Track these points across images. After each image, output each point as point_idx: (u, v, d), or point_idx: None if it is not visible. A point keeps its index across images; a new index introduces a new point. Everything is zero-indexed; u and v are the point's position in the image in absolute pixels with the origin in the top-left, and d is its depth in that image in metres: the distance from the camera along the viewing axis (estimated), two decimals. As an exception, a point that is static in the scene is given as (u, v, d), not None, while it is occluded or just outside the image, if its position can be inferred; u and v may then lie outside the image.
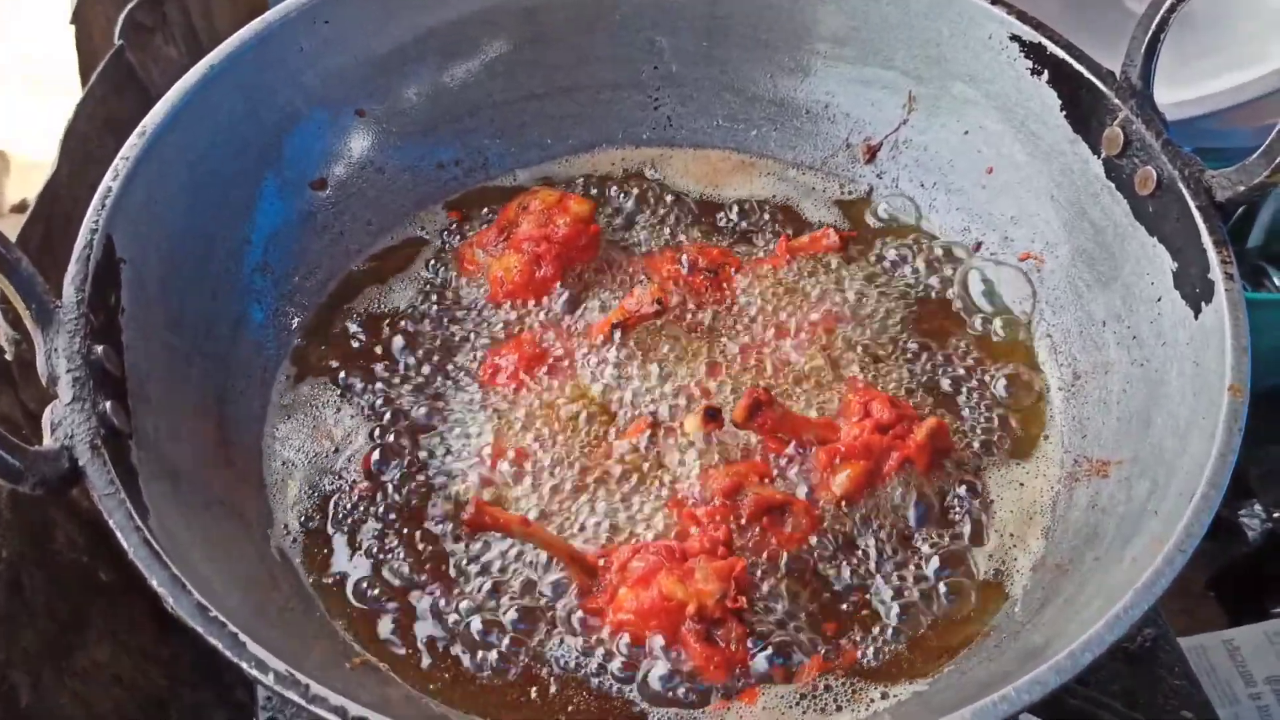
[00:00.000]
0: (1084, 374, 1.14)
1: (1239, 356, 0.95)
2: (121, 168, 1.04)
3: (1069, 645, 0.81)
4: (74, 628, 1.13)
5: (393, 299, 1.24)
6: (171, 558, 0.84)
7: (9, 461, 0.83)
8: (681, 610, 0.97)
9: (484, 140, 1.34)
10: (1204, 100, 1.74)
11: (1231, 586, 1.87)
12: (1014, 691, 0.79)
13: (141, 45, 1.54)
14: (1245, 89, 1.73)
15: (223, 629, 0.81)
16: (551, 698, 0.97)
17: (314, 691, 0.78)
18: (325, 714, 0.78)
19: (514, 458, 1.09)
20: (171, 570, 0.83)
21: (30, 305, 0.93)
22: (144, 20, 1.56)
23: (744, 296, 1.22)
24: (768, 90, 1.36)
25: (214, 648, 0.81)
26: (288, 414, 1.15)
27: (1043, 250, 1.21)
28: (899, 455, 1.08)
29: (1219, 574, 1.87)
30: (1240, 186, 1.02)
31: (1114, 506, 1.01)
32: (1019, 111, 1.21)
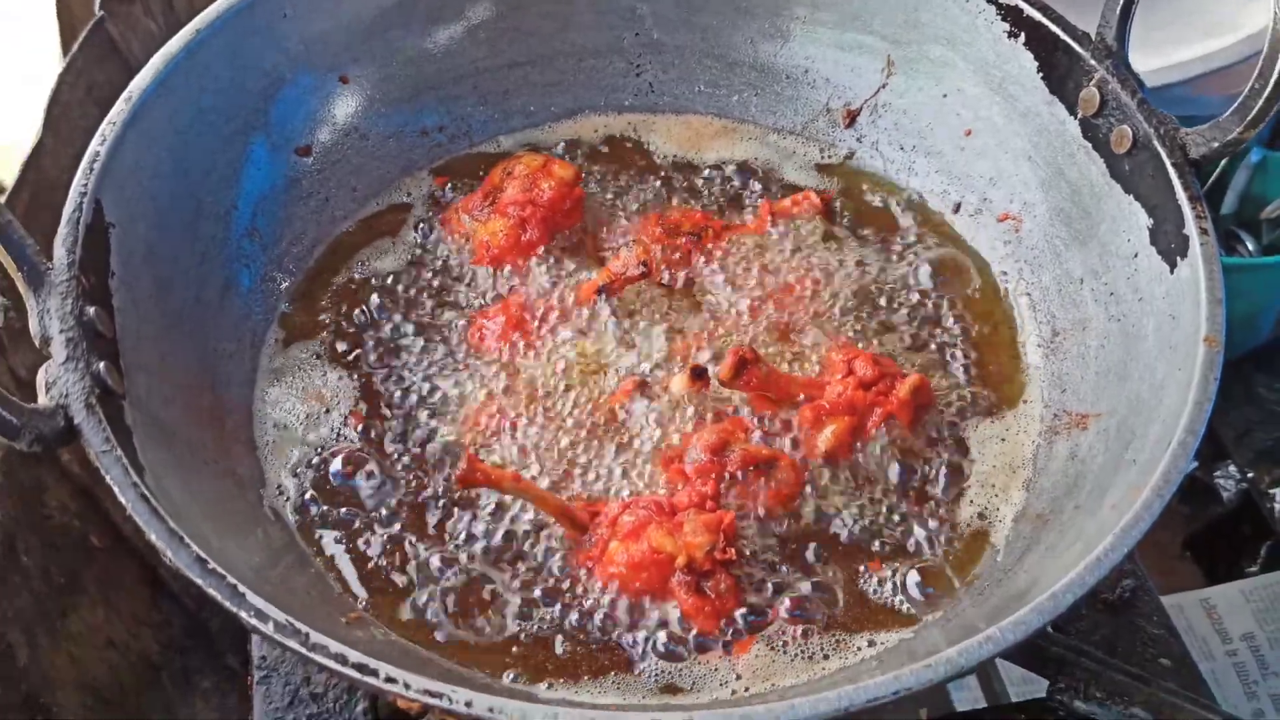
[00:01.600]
0: (1062, 331, 1.16)
1: (1214, 309, 0.97)
2: (109, 132, 1.04)
3: (1051, 588, 0.83)
4: (68, 591, 1.14)
5: (380, 264, 1.24)
6: (168, 513, 0.85)
7: (6, 418, 0.83)
8: (671, 562, 0.98)
9: (468, 107, 1.35)
10: (1177, 68, 1.76)
11: (1207, 547, 1.90)
12: (998, 631, 0.80)
13: (121, 16, 1.54)
14: (1216, 56, 1.75)
15: (221, 580, 0.82)
16: (543, 649, 0.98)
17: (314, 640, 0.79)
18: (325, 661, 0.79)
19: (502, 418, 1.10)
20: (169, 524, 0.84)
21: (22, 267, 0.93)
22: (124, -10, 1.56)
23: (727, 259, 1.23)
24: (748, 56, 1.36)
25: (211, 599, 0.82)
26: (277, 377, 1.15)
27: (1021, 210, 1.23)
28: (882, 411, 1.09)
29: (1195, 536, 1.90)
30: (1214, 143, 1.04)
31: (1093, 457, 1.03)
32: (996, 74, 1.22)
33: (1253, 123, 1.01)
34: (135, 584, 1.27)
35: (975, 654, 0.80)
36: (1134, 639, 1.12)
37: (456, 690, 0.77)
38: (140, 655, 1.22)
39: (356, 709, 1.05)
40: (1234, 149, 1.03)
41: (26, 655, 1.03)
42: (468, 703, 0.77)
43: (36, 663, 1.05)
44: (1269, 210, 2.03)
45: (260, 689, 1.07)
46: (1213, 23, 1.79)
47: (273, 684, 1.07)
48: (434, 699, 0.77)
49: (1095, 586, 0.83)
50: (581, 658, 0.98)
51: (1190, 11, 1.84)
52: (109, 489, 1.24)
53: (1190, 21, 1.81)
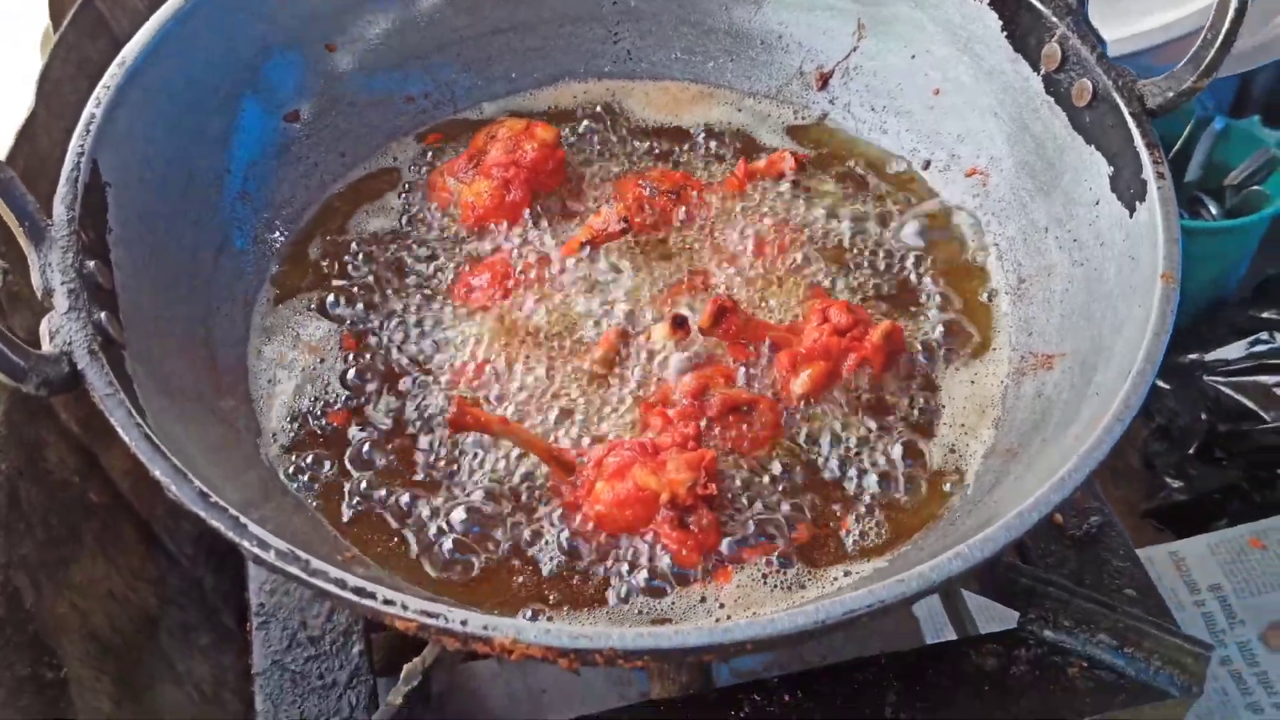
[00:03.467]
0: (1028, 278, 1.19)
1: (1170, 247, 1.00)
2: (103, 96, 1.07)
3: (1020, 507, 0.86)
4: (68, 543, 1.17)
5: (369, 225, 1.27)
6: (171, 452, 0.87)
7: (14, 361, 0.86)
8: (655, 499, 1.01)
9: (451, 74, 1.37)
10: (1139, 37, 1.80)
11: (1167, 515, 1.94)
12: (967, 548, 0.83)
13: (110, -8, 1.56)
14: (1175, 26, 1.79)
15: (224, 513, 0.84)
16: (533, 586, 1.01)
17: (314, 566, 0.82)
18: (325, 586, 0.81)
19: (489, 368, 1.13)
20: (172, 461, 0.86)
21: (23, 223, 0.96)
22: (112, -32, 1.58)
23: (706, 216, 1.26)
24: (723, 22, 1.39)
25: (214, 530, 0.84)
26: (270, 334, 1.18)
27: (988, 165, 1.26)
28: (856, 356, 1.12)
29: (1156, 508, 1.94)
30: (1169, 93, 1.08)
31: (1059, 394, 1.06)
32: (962, 34, 1.25)
33: (1205, 71, 1.05)
34: (132, 541, 1.30)
35: (946, 569, 0.82)
36: (1100, 571, 1.15)
37: (452, 610, 0.80)
38: (139, 609, 1.25)
39: (353, 650, 1.08)
40: (1188, 97, 1.07)
41: (32, 599, 1.06)
42: (463, 621, 0.79)
43: (41, 607, 1.07)
44: (1232, 176, 2.08)
45: (259, 634, 1.10)
46: (1176, -6, 1.83)
47: (271, 629, 1.10)
48: (430, 619, 0.80)
49: (1059, 504, 0.86)
50: (570, 593, 1.01)
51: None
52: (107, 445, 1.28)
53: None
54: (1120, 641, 1.07)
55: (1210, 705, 1.71)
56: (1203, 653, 1.05)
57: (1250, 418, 1.83)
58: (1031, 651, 1.08)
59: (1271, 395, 1.83)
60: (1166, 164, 1.05)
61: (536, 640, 0.79)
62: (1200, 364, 1.90)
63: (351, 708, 1.05)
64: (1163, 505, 1.93)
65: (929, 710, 1.04)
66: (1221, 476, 1.89)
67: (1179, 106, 1.08)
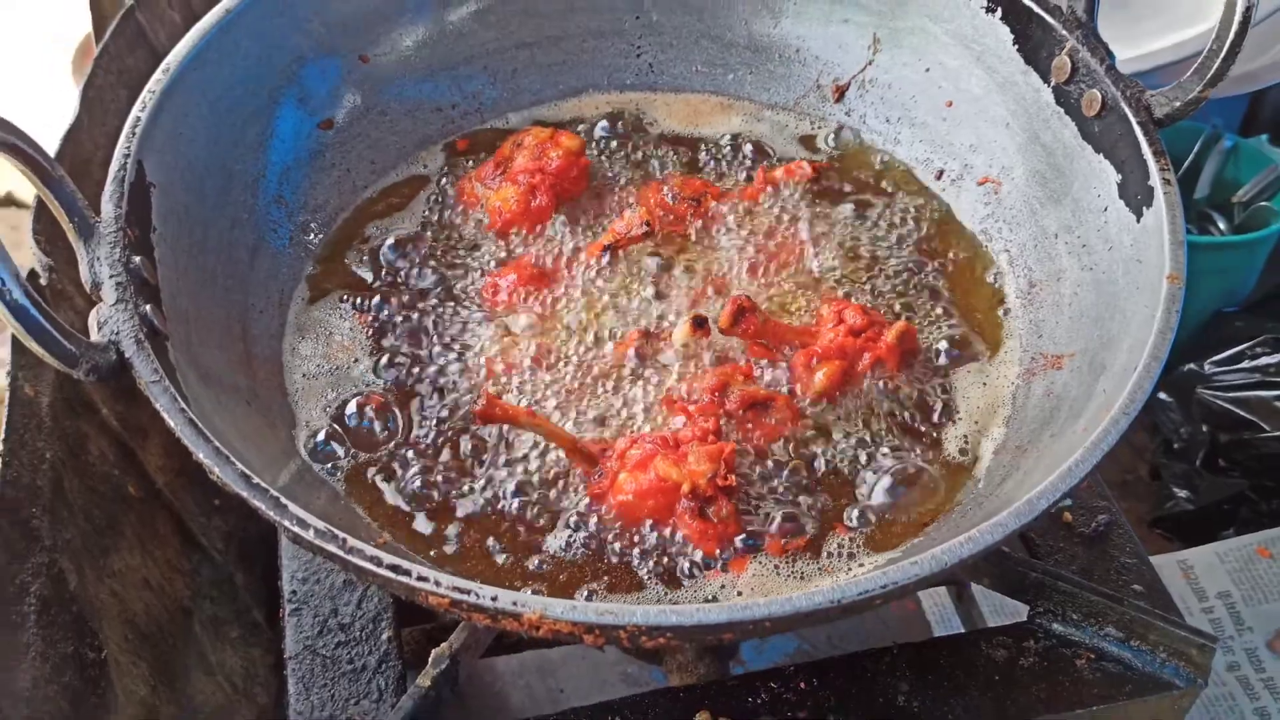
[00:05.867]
0: (1039, 282, 1.22)
1: (1176, 250, 1.02)
2: (148, 100, 1.10)
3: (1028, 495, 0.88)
4: (108, 533, 1.19)
5: (398, 229, 1.29)
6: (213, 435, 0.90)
7: (66, 348, 0.89)
8: (676, 490, 1.03)
9: (479, 86, 1.40)
10: (1150, 56, 1.82)
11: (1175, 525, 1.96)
12: (978, 533, 0.86)
13: (149, 7, 1.59)
14: (1186, 45, 1.81)
15: (265, 493, 0.87)
16: (557, 573, 1.04)
17: (351, 544, 0.84)
18: (361, 563, 0.83)
19: (517, 365, 1.16)
20: (215, 444, 0.89)
21: (73, 218, 0.99)
22: (151, -17, 1.62)
23: (725, 221, 1.29)
24: (742, 36, 1.42)
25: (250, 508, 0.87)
26: (303, 332, 1.20)
27: (999, 174, 1.28)
28: (871, 356, 1.15)
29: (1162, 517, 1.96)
30: (1176, 102, 1.10)
31: (1067, 392, 1.08)
32: (975, 47, 1.28)
33: (1211, 81, 1.07)
34: (168, 534, 1.32)
35: (957, 552, 0.85)
36: (1108, 567, 1.17)
37: (483, 587, 0.83)
38: (173, 599, 1.27)
39: (382, 636, 1.11)
40: (1194, 107, 1.09)
41: (75, 582, 1.08)
42: (493, 597, 0.82)
43: (84, 591, 1.09)
44: (1241, 193, 2.10)
45: (291, 620, 1.12)
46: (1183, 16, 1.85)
47: (303, 616, 1.13)
48: (462, 594, 0.82)
49: (1068, 494, 0.89)
50: (594, 579, 1.03)
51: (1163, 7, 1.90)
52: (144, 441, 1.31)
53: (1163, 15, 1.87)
54: (1127, 634, 1.09)
55: (1217, 711, 1.72)
56: (1208, 645, 1.07)
57: (1251, 428, 1.85)
58: (1040, 643, 1.10)
59: (1273, 409, 1.84)
60: (1172, 171, 1.08)
61: (563, 616, 0.81)
62: (1203, 375, 1.92)
63: (380, 691, 1.07)
64: (1171, 515, 1.94)
65: (940, 699, 1.06)
66: (1228, 487, 1.90)
67: (1186, 116, 1.10)
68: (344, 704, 1.06)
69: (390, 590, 0.93)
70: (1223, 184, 2.13)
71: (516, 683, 1.57)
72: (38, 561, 1.05)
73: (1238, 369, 1.90)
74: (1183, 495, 1.93)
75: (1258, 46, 2.15)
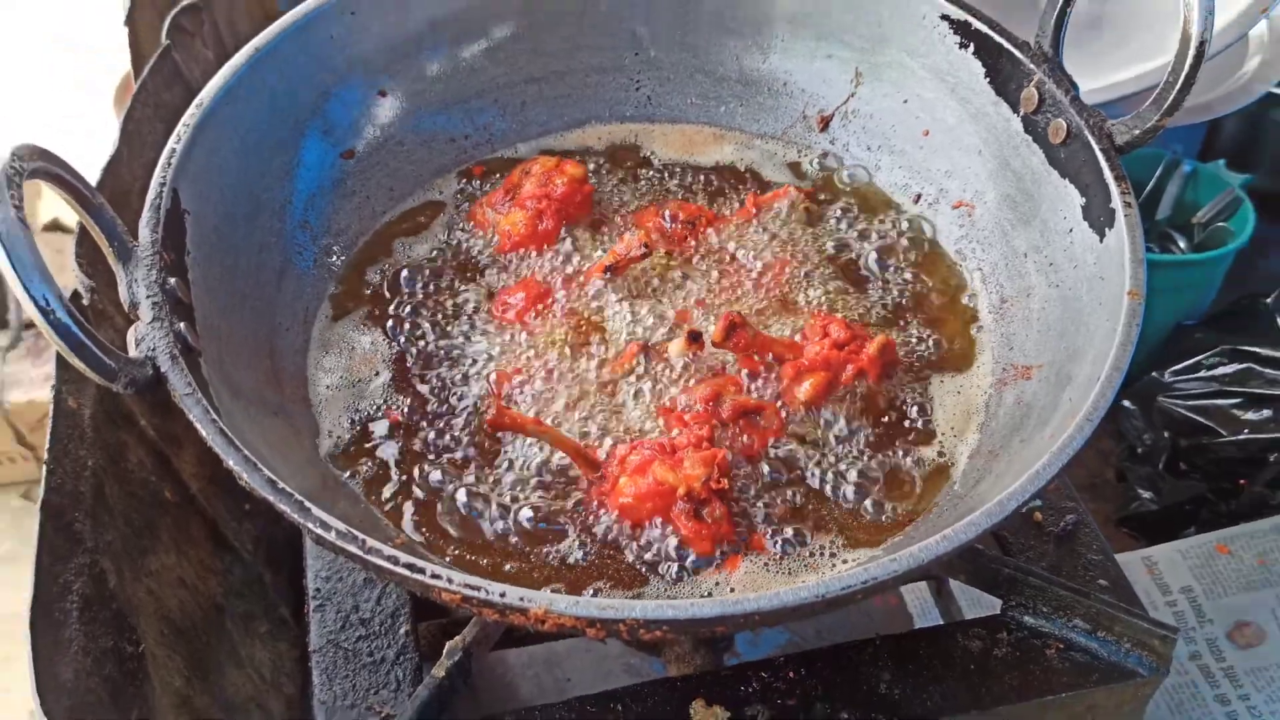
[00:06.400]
0: (1009, 298, 1.22)
1: (1136, 267, 1.03)
2: (183, 133, 1.10)
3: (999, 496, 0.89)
4: (145, 535, 1.20)
5: (415, 251, 1.30)
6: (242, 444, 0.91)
7: (106, 363, 0.89)
8: (673, 493, 1.03)
9: (489, 118, 1.40)
10: (1112, 88, 1.82)
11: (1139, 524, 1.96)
12: (953, 532, 0.86)
13: (184, 47, 1.61)
14: (1145, 77, 1.81)
15: (290, 497, 0.87)
16: (562, 571, 1.04)
17: (370, 544, 0.84)
18: (379, 562, 0.84)
19: (525, 377, 1.16)
20: (244, 452, 0.89)
21: (112, 243, 1.00)
22: (186, 25, 1.63)
23: (717, 243, 1.29)
24: (734, 71, 1.42)
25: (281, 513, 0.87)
26: (327, 348, 1.21)
27: (973, 198, 1.29)
28: (854, 368, 1.15)
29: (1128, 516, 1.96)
30: (1136, 131, 1.10)
31: (1036, 401, 1.08)
32: (949, 80, 1.28)
33: (1168, 111, 1.07)
34: (201, 537, 1.33)
35: (934, 550, 0.85)
36: (1075, 564, 1.18)
37: (492, 584, 0.83)
38: (207, 596, 1.27)
39: (400, 631, 1.11)
40: (1153, 135, 1.09)
41: (115, 581, 1.08)
42: (501, 594, 0.82)
43: (123, 589, 1.10)
44: (1200, 214, 2.11)
45: (316, 616, 1.13)
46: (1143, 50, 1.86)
47: (326, 611, 1.13)
48: (473, 591, 0.83)
49: (1037, 494, 0.89)
50: (596, 578, 1.03)
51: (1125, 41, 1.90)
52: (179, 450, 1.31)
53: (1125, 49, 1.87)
54: (1094, 626, 1.09)
55: (1180, 697, 1.72)
56: (1169, 635, 1.07)
57: (1210, 434, 1.85)
58: (1013, 635, 1.10)
59: (1230, 416, 1.85)
60: (1133, 194, 1.08)
61: (567, 611, 0.82)
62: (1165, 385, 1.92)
63: (399, 681, 1.07)
64: (1135, 515, 1.95)
65: (919, 687, 1.06)
66: (1189, 489, 1.91)
67: (1145, 143, 1.11)
68: (365, 694, 1.06)
69: (407, 587, 0.93)
70: (1183, 206, 2.14)
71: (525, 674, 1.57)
72: (80, 562, 1.06)
73: (1197, 378, 1.90)
74: (1146, 496, 1.94)
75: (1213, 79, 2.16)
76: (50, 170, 0.93)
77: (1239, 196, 2.08)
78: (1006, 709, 1.05)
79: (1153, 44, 1.85)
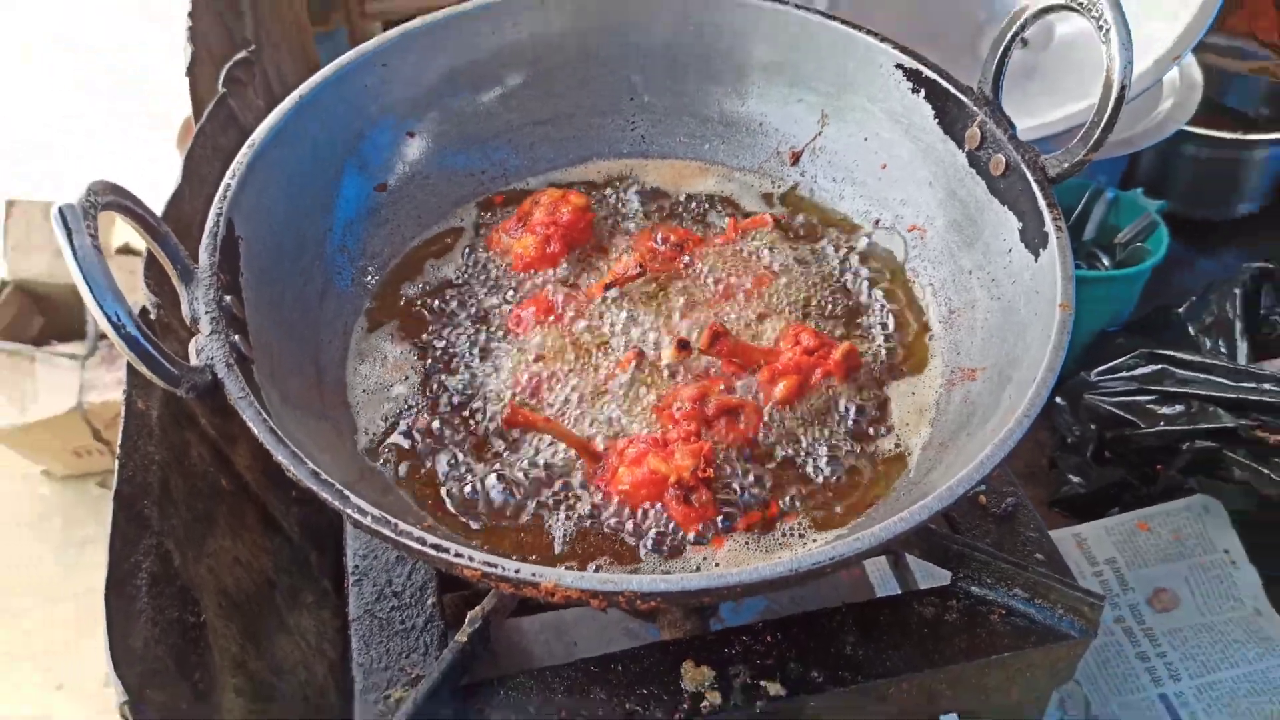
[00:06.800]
0: (957, 310, 1.22)
1: (1066, 283, 1.02)
2: (237, 170, 1.10)
3: (949, 483, 0.89)
4: (205, 521, 1.19)
5: (440, 271, 1.30)
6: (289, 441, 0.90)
7: (170, 370, 0.89)
8: (665, 481, 1.03)
9: (504, 155, 1.40)
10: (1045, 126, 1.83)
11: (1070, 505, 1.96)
12: (909, 513, 0.86)
13: (238, 95, 1.60)
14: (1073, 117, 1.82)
15: (331, 487, 0.87)
16: (571, 542, 1.04)
17: (401, 528, 0.84)
18: (409, 543, 0.84)
19: (536, 379, 1.16)
20: (290, 448, 0.89)
21: (176, 266, 1.00)
22: (239, 75, 1.63)
23: (704, 263, 1.29)
24: (716, 113, 1.42)
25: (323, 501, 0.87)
26: (363, 356, 1.21)
27: (924, 223, 1.29)
28: (822, 371, 1.15)
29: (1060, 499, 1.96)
30: (1066, 164, 1.10)
31: (980, 399, 1.08)
32: (904, 121, 1.28)
33: (1094, 146, 1.07)
34: (254, 521, 1.32)
35: (892, 529, 0.85)
36: (1015, 540, 1.17)
37: (507, 561, 0.83)
38: (259, 572, 1.27)
39: (427, 602, 1.11)
40: (1081, 167, 1.09)
41: (179, 561, 1.08)
42: (516, 570, 0.82)
43: (186, 569, 1.10)
44: (1121, 235, 2.11)
45: (354, 589, 1.12)
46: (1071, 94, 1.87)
47: (363, 585, 1.13)
48: (491, 568, 0.83)
49: (982, 481, 0.89)
50: (598, 554, 1.03)
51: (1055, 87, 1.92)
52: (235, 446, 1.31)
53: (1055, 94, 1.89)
54: (1032, 594, 1.09)
55: (1107, 655, 1.72)
56: (1097, 602, 1.07)
57: (1130, 426, 1.85)
58: (961, 603, 1.10)
59: (1147, 411, 1.85)
60: (1063, 219, 1.08)
61: (574, 584, 0.81)
62: (1091, 384, 1.92)
63: (427, 646, 1.07)
64: (1066, 498, 1.94)
65: (880, 649, 1.06)
66: (1112, 474, 1.91)
67: (1074, 174, 1.11)
68: (397, 657, 1.06)
69: (433, 564, 0.93)
70: (1106, 228, 2.14)
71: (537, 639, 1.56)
72: (148, 544, 1.06)
73: (1119, 378, 1.90)
74: (1076, 481, 1.93)
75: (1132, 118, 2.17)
76: (121, 203, 0.93)
77: (1155, 220, 2.08)
78: (956, 668, 1.05)
79: (1078, 89, 1.86)
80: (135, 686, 0.91)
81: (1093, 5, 1.05)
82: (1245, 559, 1.80)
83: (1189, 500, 1.86)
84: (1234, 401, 1.77)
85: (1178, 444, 1.82)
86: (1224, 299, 1.99)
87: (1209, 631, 1.73)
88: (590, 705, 1.01)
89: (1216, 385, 1.80)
